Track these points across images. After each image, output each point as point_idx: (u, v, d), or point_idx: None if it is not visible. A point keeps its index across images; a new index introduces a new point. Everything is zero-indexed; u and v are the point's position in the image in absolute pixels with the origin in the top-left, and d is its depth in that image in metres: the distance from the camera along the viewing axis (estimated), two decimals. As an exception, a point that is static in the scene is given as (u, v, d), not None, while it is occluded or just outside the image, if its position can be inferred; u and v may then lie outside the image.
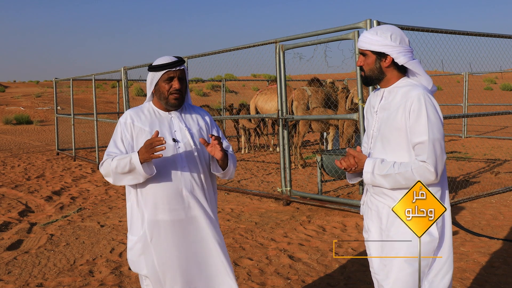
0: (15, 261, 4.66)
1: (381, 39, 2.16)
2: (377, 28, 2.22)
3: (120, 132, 2.51)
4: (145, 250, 2.48)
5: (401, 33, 2.20)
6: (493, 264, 4.13)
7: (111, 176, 2.44)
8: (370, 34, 2.20)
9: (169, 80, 2.47)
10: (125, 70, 9.71)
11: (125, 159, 2.36)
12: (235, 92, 33.25)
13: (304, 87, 10.29)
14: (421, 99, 2.09)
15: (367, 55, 2.22)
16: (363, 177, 2.23)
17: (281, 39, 6.43)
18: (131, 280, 4.09)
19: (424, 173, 2.09)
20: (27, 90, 35.22)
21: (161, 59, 2.50)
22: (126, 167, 2.35)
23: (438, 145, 2.09)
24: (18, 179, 9.38)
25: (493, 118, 18.76)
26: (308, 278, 4.00)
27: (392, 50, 2.15)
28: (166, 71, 2.46)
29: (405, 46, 2.17)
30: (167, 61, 2.46)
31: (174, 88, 2.47)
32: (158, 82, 2.49)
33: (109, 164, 2.41)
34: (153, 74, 2.49)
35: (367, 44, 2.20)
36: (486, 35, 6.67)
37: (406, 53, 2.16)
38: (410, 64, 2.17)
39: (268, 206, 6.57)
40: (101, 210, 6.73)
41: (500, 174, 8.28)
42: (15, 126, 21.03)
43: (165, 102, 2.50)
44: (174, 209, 2.47)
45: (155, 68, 2.47)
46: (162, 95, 2.49)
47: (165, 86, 2.48)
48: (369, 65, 2.23)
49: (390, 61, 2.18)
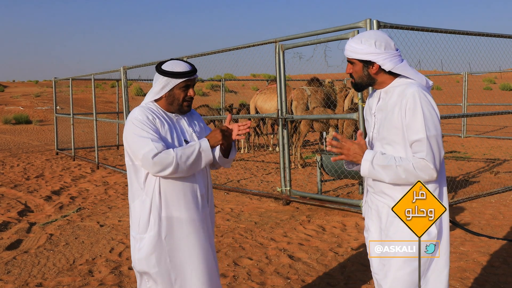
0: (14, 261, 4.65)
1: (365, 47, 2.15)
2: (361, 36, 2.21)
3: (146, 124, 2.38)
4: (157, 248, 2.45)
5: (386, 39, 2.18)
6: (493, 263, 4.13)
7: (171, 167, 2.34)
8: (354, 42, 2.20)
9: (186, 88, 2.49)
10: (125, 69, 9.70)
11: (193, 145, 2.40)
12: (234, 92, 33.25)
13: (304, 86, 10.29)
14: (415, 96, 2.08)
15: (354, 63, 2.23)
16: (361, 166, 2.17)
17: (281, 38, 6.43)
18: (130, 279, 4.09)
19: (425, 169, 2.08)
20: (26, 90, 35.20)
21: (176, 65, 2.46)
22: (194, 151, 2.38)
23: (435, 142, 2.08)
24: (17, 178, 9.37)
25: (493, 118, 18.77)
26: (308, 277, 3.99)
27: (377, 57, 2.15)
28: (185, 80, 2.46)
29: (390, 51, 2.16)
30: (186, 69, 2.46)
31: (190, 96, 2.51)
32: (173, 88, 2.47)
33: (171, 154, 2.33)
34: (169, 80, 2.45)
35: (352, 53, 2.20)
36: (486, 34, 6.66)
37: (392, 58, 2.16)
38: (398, 69, 2.17)
39: (268, 206, 6.57)
40: (100, 209, 6.72)
41: (499, 173, 8.29)
42: (14, 125, 21.01)
43: (177, 108, 2.51)
44: (190, 208, 2.49)
45: (174, 75, 2.44)
46: (176, 101, 2.49)
47: (181, 93, 2.48)
48: (357, 72, 2.23)
49: (377, 68, 2.19)
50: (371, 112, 2.34)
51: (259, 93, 11.70)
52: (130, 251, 2.61)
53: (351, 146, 2.19)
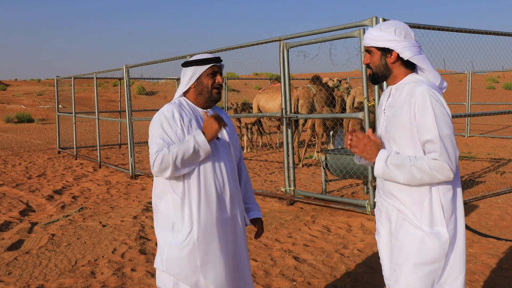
0: (15, 261, 4.59)
1: (385, 34, 2.11)
2: (381, 24, 2.18)
3: (167, 124, 2.37)
4: (192, 250, 2.37)
5: (406, 28, 2.14)
6: (503, 266, 4.06)
7: (169, 167, 2.31)
8: (374, 30, 2.16)
9: (213, 74, 2.48)
10: (127, 68, 9.63)
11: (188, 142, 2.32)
12: (237, 91, 33.18)
13: (308, 85, 10.22)
14: (425, 95, 2.02)
15: (372, 52, 2.18)
16: (375, 165, 2.10)
17: (285, 37, 6.35)
18: (133, 281, 4.02)
19: (440, 170, 2.00)
20: (29, 89, 35.18)
21: (201, 55, 2.48)
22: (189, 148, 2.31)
23: (449, 141, 2.01)
24: (19, 178, 9.32)
25: (496, 117, 18.66)
26: (314, 280, 3.92)
27: (397, 45, 2.10)
28: (211, 65, 2.46)
29: (410, 40, 2.12)
30: (211, 56, 2.47)
31: (218, 83, 2.50)
32: (200, 76, 2.47)
33: (166, 154, 2.29)
34: (196, 68, 2.46)
35: (371, 40, 2.15)
36: (489, 33, 6.56)
37: (412, 48, 2.10)
38: (416, 59, 2.12)
39: (272, 206, 6.50)
40: (102, 209, 6.66)
41: (505, 173, 8.20)
42: (16, 124, 20.98)
43: (207, 97, 2.49)
44: (221, 208, 2.44)
45: (199, 62, 2.45)
46: (205, 89, 2.48)
47: (209, 80, 2.48)
48: (375, 62, 2.18)
49: (395, 57, 2.13)
50: (381, 109, 2.28)
51: (262, 92, 11.62)
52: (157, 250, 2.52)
53: (368, 142, 2.12)
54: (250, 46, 6.93)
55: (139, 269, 4.28)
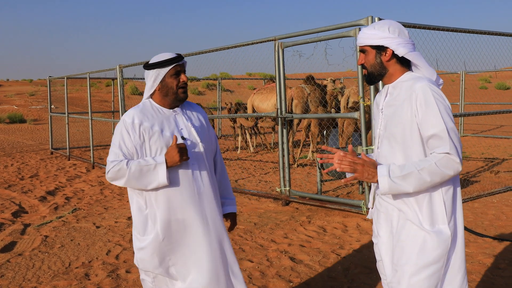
0: (8, 263, 4.53)
1: (379, 32, 2.11)
2: (375, 23, 2.17)
3: (126, 132, 2.41)
4: (158, 250, 2.43)
5: (399, 26, 2.14)
6: (499, 265, 4.05)
7: (123, 179, 2.37)
8: (367, 29, 2.16)
9: (177, 74, 2.46)
10: (121, 68, 9.56)
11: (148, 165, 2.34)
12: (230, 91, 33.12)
13: (302, 85, 10.20)
14: (426, 90, 2.01)
15: (367, 51, 2.17)
16: (379, 184, 2.02)
17: (280, 36, 6.32)
18: (128, 283, 3.97)
19: (449, 165, 1.97)
20: (21, 89, 34.92)
21: (161, 56, 2.46)
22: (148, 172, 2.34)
23: (454, 134, 2.00)
24: (11, 178, 9.22)
25: (488, 117, 18.75)
26: (311, 280, 3.90)
27: (391, 42, 2.09)
28: (173, 66, 2.43)
29: (404, 37, 2.12)
30: (172, 56, 2.44)
31: (183, 82, 2.48)
32: (164, 78, 2.45)
33: (124, 168, 2.34)
34: (158, 71, 2.44)
35: (365, 39, 2.14)
36: (481, 32, 6.57)
37: (406, 44, 2.10)
38: (411, 55, 2.11)
39: (267, 206, 6.47)
40: (96, 210, 6.60)
41: (500, 173, 8.23)
42: (8, 125, 20.79)
43: (173, 98, 2.47)
44: (188, 208, 2.43)
45: (161, 64, 2.42)
46: (171, 91, 2.46)
47: (173, 81, 2.46)
48: (370, 61, 2.17)
49: (390, 54, 2.12)
50: (378, 108, 2.26)
51: (256, 92, 11.58)
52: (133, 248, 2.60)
53: (365, 163, 2.04)
54: (245, 45, 6.90)
55: (134, 271, 4.23)
